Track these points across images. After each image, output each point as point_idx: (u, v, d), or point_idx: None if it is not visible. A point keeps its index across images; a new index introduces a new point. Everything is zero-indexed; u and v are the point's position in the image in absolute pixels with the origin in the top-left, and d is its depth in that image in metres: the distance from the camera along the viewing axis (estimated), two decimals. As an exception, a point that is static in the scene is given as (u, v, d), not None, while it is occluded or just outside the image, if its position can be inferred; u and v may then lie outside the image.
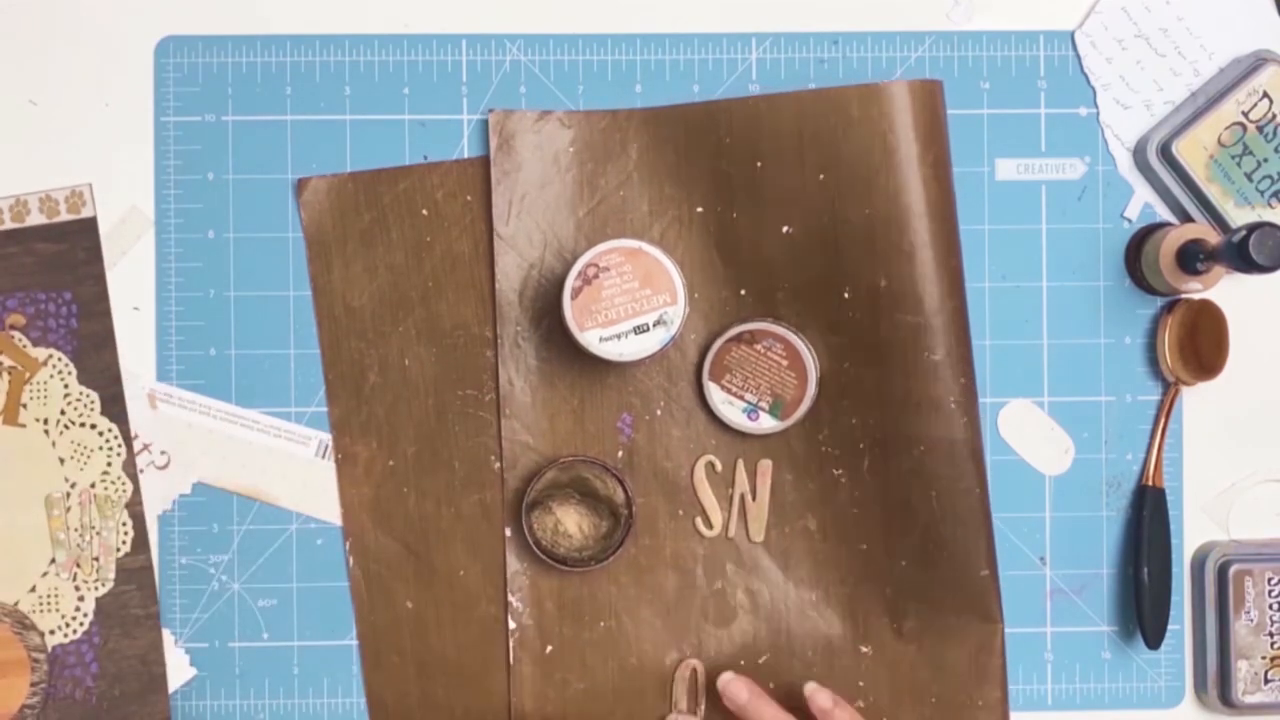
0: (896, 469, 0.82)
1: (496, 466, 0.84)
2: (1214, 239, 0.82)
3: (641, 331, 0.78)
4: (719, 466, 0.85)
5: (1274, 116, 0.83)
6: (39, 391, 0.83)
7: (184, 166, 0.84)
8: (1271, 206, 0.84)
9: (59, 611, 0.83)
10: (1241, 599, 0.84)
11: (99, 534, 0.84)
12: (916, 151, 0.80)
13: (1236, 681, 0.84)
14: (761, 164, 0.82)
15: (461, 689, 0.84)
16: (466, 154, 0.85)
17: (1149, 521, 0.85)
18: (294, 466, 0.85)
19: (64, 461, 0.84)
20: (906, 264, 0.80)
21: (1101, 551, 0.86)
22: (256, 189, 0.85)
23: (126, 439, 0.84)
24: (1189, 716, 0.86)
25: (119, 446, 0.84)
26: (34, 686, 0.83)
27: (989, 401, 0.86)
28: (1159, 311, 0.86)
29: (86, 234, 0.84)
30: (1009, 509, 0.86)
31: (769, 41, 0.85)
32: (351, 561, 0.85)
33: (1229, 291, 0.85)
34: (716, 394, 0.84)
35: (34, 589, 0.83)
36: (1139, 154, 0.85)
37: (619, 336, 0.78)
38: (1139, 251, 0.85)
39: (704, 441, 0.85)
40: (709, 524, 0.85)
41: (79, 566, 0.83)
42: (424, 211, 0.84)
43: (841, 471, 0.84)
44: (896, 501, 0.83)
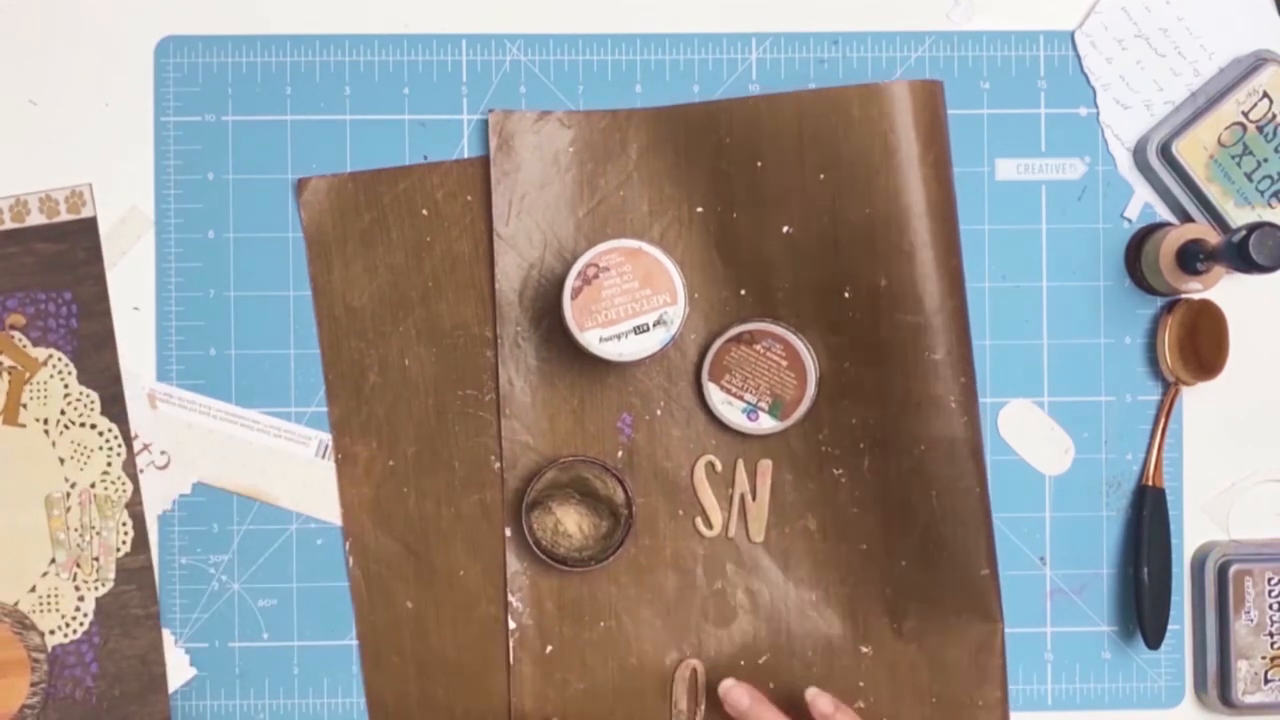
0: (896, 469, 0.82)
1: (496, 466, 0.84)
2: (1214, 239, 0.82)
3: (641, 331, 0.78)
4: (719, 466, 0.85)
5: (1274, 116, 0.83)
6: (39, 391, 0.83)
7: (184, 166, 0.84)
8: (1271, 206, 0.84)
9: (59, 611, 0.83)
10: (1241, 599, 0.84)
11: (99, 534, 0.84)
12: (917, 151, 0.80)
13: (1236, 681, 0.84)
14: (761, 164, 0.82)
15: (461, 689, 0.84)
16: (466, 154, 0.85)
17: (1149, 521, 0.85)
18: (294, 466, 0.85)
19: (64, 461, 0.84)
20: (907, 264, 0.80)
21: (1101, 551, 0.86)
22: (256, 189, 0.85)
23: (126, 439, 0.84)
24: (1189, 716, 0.86)
25: (119, 446, 0.84)
26: (34, 686, 0.83)
27: (989, 401, 0.86)
28: (1159, 311, 0.86)
29: (86, 234, 0.84)
30: (1009, 509, 0.86)
31: (769, 41, 0.85)
32: (351, 561, 0.84)
33: (1229, 291, 0.85)
34: (716, 394, 0.84)
35: (34, 589, 0.83)
36: (1139, 154, 0.85)
37: (619, 336, 0.78)
38: (1139, 251, 0.85)
39: (704, 441, 0.85)
40: (709, 524, 0.85)
41: (79, 566, 0.83)
42: (424, 211, 0.84)
43: (841, 471, 0.84)
44: (896, 501, 0.83)
